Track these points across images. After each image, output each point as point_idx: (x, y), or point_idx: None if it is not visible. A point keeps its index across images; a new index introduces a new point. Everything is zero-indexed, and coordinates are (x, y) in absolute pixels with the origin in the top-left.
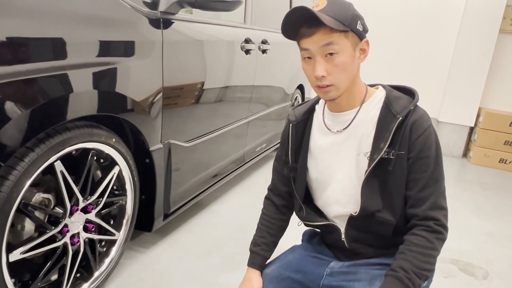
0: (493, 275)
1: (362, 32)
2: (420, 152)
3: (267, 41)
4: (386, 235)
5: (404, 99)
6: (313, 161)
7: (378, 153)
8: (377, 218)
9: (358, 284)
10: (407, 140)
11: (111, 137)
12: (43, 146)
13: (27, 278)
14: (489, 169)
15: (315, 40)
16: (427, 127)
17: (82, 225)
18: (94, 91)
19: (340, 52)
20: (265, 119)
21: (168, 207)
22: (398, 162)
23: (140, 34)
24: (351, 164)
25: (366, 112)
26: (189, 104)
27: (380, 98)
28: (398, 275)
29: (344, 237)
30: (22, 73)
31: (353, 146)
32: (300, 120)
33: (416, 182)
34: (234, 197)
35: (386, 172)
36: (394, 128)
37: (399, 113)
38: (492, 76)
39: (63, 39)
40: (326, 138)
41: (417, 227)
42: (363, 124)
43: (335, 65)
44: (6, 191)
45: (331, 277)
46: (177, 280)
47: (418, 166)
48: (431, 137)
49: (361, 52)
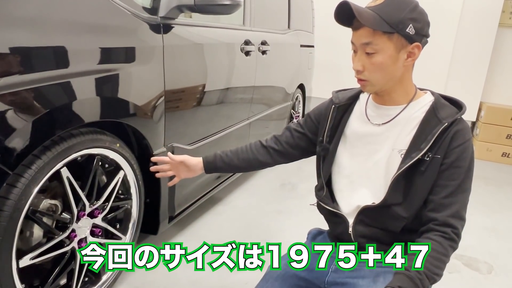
0: (497, 269)
1: (413, 36)
2: (455, 161)
3: (267, 42)
4: (394, 231)
5: (451, 108)
6: (344, 146)
7: (417, 153)
8: (392, 212)
9: (362, 281)
10: (446, 146)
11: (115, 142)
12: (49, 154)
13: (36, 283)
14: (491, 164)
15: (359, 36)
16: (467, 140)
17: (89, 229)
18: (97, 98)
19: (379, 52)
20: (266, 119)
21: (173, 209)
22: (431, 165)
23: (141, 39)
24: (383, 158)
25: (411, 111)
26: (191, 107)
27: (427, 101)
28: (410, 274)
29: (351, 230)
30: (26, 83)
31: (390, 141)
32: (343, 104)
33: (444, 188)
34: (238, 198)
35: (417, 172)
36: (438, 132)
37: (445, 119)
38: (492, 70)
39: (64, 48)
40: (364, 127)
41: (434, 232)
42: (405, 121)
43: (372, 63)
44: (14, 198)
45: (335, 274)
46: (183, 282)
47: (449, 174)
48: (469, 150)
49: (409, 55)
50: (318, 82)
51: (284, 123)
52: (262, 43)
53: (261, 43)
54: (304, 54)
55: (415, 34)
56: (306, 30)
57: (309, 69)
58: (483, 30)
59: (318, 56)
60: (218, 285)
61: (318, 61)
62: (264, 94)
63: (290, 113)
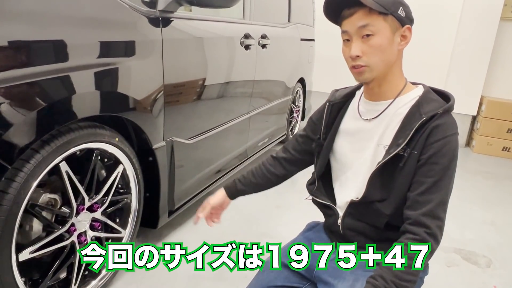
0: (496, 263)
1: (404, 18)
2: (432, 157)
3: (267, 36)
4: (378, 227)
5: (438, 102)
6: (339, 142)
7: (395, 148)
8: (374, 208)
9: (342, 285)
10: (423, 141)
11: (114, 137)
12: (48, 148)
13: (36, 277)
14: (492, 158)
15: (353, 21)
16: (448, 135)
17: (88, 223)
18: (96, 92)
19: (376, 34)
20: (267, 113)
21: (172, 204)
22: (409, 161)
23: (140, 33)
24: (369, 153)
25: (397, 106)
26: (190, 101)
27: (415, 96)
28: (377, 284)
29: (340, 222)
30: (25, 77)
31: (376, 136)
32: (337, 101)
33: (419, 184)
34: None
35: (396, 168)
36: (416, 126)
37: (425, 114)
38: (493, 64)
39: (63, 41)
40: (356, 123)
41: (407, 234)
42: (391, 117)
43: (371, 46)
44: (13, 192)
45: (320, 270)
46: (183, 276)
47: (426, 170)
48: (449, 146)
49: (402, 39)
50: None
51: (284, 118)
52: (262, 37)
53: (261, 37)
54: (305, 48)
55: (405, 16)
56: (307, 23)
57: (309, 63)
58: (485, 24)
59: (318, 50)
60: (218, 279)
61: (318, 55)
62: (264, 88)
63: (290, 107)
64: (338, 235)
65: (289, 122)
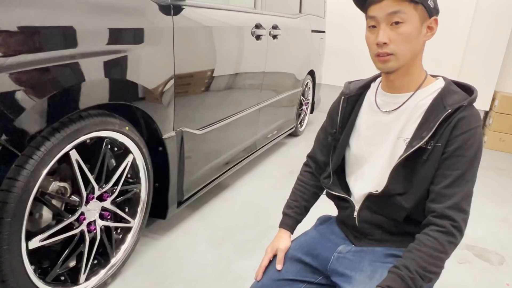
0: (509, 261)
1: (432, 9)
2: (457, 149)
3: (278, 26)
4: (397, 220)
5: (460, 94)
6: (356, 136)
7: (418, 141)
8: (394, 201)
9: (360, 276)
10: (448, 134)
11: (124, 126)
12: (58, 135)
13: (46, 265)
14: (504, 154)
15: (383, 7)
16: (473, 127)
17: (98, 213)
18: (106, 80)
19: (406, 22)
20: (276, 105)
21: (181, 194)
22: (433, 154)
23: (150, 21)
24: (389, 146)
25: (418, 98)
26: (200, 91)
27: (436, 88)
28: (401, 274)
29: (356, 214)
30: (34, 63)
31: (396, 129)
32: (353, 94)
33: (445, 178)
34: (246, 184)
35: (419, 161)
36: (441, 119)
37: (450, 106)
38: (508, 58)
39: (73, 28)
40: (374, 116)
41: (431, 226)
42: (412, 109)
43: (399, 33)
44: (23, 180)
45: (337, 263)
46: (191, 267)
47: (451, 163)
48: (474, 138)
49: (428, 30)
50: (329, 68)
51: (294, 110)
52: (273, 27)
53: (272, 27)
54: (315, 40)
55: (433, 7)
56: (318, 15)
57: (319, 55)
58: (499, 18)
59: (329, 42)
60: (227, 270)
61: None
62: (274, 80)
63: (300, 100)
64: (353, 228)
65: (298, 114)
